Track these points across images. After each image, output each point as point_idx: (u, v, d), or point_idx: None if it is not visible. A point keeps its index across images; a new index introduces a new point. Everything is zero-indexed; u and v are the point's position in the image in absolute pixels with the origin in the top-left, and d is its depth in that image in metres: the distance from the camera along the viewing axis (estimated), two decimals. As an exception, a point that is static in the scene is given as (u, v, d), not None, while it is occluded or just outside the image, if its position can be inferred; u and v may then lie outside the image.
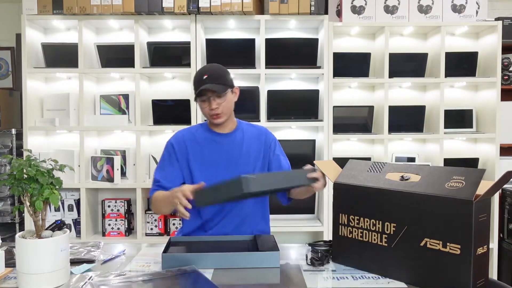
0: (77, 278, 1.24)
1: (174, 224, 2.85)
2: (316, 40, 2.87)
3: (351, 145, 3.05)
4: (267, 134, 1.79)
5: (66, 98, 2.81)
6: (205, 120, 1.82)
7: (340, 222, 1.37)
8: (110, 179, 2.75)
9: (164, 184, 1.67)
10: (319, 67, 2.81)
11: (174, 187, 1.51)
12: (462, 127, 2.96)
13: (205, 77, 1.62)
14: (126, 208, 2.86)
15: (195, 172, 1.68)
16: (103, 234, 2.86)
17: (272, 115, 2.86)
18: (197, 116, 2.75)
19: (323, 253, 1.40)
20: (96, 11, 2.65)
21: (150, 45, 2.84)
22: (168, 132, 2.93)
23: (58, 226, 1.27)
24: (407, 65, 2.87)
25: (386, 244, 1.24)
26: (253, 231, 1.68)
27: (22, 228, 2.99)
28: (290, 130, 3.01)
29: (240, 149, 1.71)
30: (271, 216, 1.85)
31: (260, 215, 1.76)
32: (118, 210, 2.86)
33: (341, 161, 1.49)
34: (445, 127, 2.80)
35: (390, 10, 2.78)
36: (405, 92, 3.05)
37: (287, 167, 1.76)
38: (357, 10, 2.78)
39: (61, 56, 2.83)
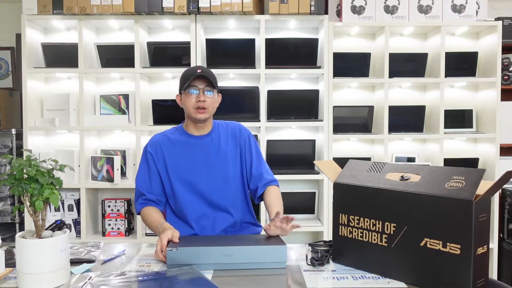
0: (77, 278, 1.24)
1: (174, 224, 2.85)
2: (316, 40, 2.87)
3: (351, 145, 3.05)
4: (240, 130, 1.77)
5: (66, 98, 2.81)
6: (182, 122, 1.80)
7: (340, 222, 1.36)
8: (110, 179, 2.75)
9: (149, 197, 1.70)
10: (319, 67, 2.81)
11: (158, 198, 1.70)
12: (462, 127, 2.96)
13: (198, 71, 1.63)
14: (126, 208, 2.86)
15: (173, 177, 1.67)
16: (103, 234, 2.86)
17: (272, 115, 2.86)
18: (197, 116, 2.75)
19: (323, 253, 1.40)
20: (96, 11, 2.65)
21: (150, 45, 2.84)
22: (168, 132, 2.93)
23: (58, 226, 1.27)
24: (407, 65, 2.87)
25: (386, 244, 1.24)
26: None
27: (22, 228, 2.99)
28: (290, 130, 3.01)
29: (217, 150, 1.70)
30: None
31: (248, 216, 1.78)
32: (118, 210, 2.86)
33: (341, 161, 1.49)
34: (445, 127, 2.80)
35: (390, 10, 2.78)
36: (405, 92, 3.05)
37: (257, 168, 1.74)
38: (357, 10, 2.78)
39: (61, 56, 2.83)
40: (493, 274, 2.80)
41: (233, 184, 1.71)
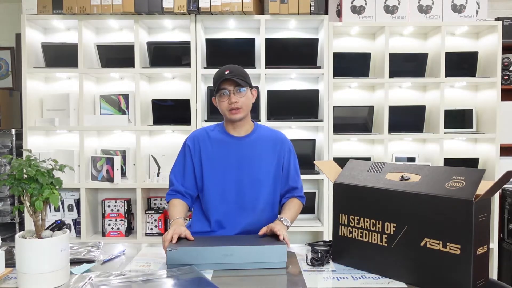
0: (77, 278, 1.24)
1: (174, 224, 2.84)
2: (316, 40, 2.87)
3: (351, 145, 3.05)
4: (283, 142, 1.78)
5: (66, 98, 2.81)
6: (221, 121, 1.82)
7: (340, 222, 1.36)
8: (110, 179, 2.75)
9: (179, 188, 1.71)
10: (319, 67, 2.81)
11: (187, 191, 1.71)
12: (462, 127, 2.96)
13: (227, 72, 1.64)
14: (126, 208, 2.86)
15: (205, 173, 1.69)
16: (103, 234, 2.86)
17: (272, 115, 2.85)
18: (197, 116, 2.75)
19: (323, 253, 1.40)
20: (96, 11, 2.65)
21: (150, 45, 2.84)
22: (168, 132, 2.93)
23: (58, 226, 1.27)
24: (407, 65, 2.87)
25: (386, 244, 1.24)
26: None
27: (22, 228, 2.99)
28: (290, 130, 3.01)
29: (252, 153, 1.70)
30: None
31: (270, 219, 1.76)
32: (118, 210, 2.86)
33: (341, 161, 1.49)
34: (445, 127, 2.80)
35: (390, 10, 2.78)
36: (405, 92, 3.05)
37: (293, 182, 1.79)
38: (357, 10, 2.78)
39: (61, 56, 2.83)
40: (493, 274, 2.80)
41: (263, 190, 1.70)
